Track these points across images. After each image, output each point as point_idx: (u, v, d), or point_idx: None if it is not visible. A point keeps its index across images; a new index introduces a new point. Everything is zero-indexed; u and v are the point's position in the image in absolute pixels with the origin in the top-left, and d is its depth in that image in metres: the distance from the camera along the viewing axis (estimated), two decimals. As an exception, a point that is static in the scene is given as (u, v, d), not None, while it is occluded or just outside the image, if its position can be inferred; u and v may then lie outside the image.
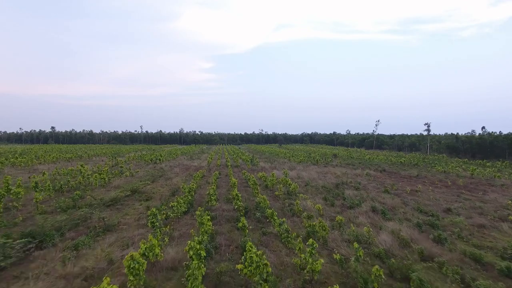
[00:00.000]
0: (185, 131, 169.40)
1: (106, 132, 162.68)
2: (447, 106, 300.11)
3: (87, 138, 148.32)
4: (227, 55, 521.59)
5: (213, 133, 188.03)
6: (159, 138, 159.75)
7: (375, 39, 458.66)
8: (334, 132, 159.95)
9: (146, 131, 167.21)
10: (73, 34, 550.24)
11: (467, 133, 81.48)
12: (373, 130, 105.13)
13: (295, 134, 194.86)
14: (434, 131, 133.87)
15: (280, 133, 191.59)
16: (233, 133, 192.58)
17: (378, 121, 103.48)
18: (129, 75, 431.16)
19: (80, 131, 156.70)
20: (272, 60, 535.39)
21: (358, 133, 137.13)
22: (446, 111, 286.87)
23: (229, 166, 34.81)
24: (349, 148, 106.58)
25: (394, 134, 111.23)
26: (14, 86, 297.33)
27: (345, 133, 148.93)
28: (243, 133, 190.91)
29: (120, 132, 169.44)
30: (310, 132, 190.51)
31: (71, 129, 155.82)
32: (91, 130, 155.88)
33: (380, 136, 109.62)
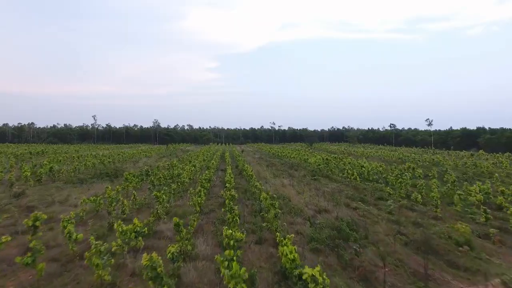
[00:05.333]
0: (163, 126, 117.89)
1: (45, 127, 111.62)
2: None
3: (11, 134, 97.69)
4: (233, 54, 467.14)
5: (206, 128, 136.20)
6: (125, 135, 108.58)
7: (382, 38, 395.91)
8: (393, 126, 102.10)
9: (108, 125, 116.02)
10: (78, 34, 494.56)
11: None
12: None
13: (318, 130, 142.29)
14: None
15: (298, 128, 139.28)
16: (233, 128, 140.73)
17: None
18: (134, 75, 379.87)
19: (1, 125, 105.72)
20: (277, 59, 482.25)
21: (451, 128, 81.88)
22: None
23: None
24: (448, 150, 54.58)
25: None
26: (17, 86, 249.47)
27: (407, 128, 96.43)
28: (248, 129, 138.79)
29: (74, 126, 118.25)
30: (340, 127, 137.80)
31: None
32: (24, 124, 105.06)
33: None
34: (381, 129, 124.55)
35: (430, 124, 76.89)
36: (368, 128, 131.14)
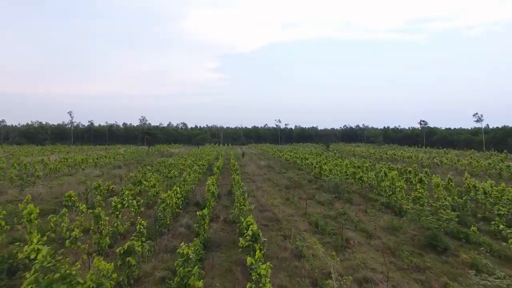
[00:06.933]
0: (153, 124, 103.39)
1: (16, 125, 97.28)
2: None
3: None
4: (234, 54, 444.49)
5: (202, 126, 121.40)
6: (107, 134, 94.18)
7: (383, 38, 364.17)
8: (423, 124, 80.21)
9: (91, 123, 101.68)
10: (77, 34, 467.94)
11: None
12: None
13: (329, 128, 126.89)
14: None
15: (306, 127, 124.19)
16: (233, 127, 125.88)
17: None
18: (133, 75, 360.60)
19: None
20: (278, 59, 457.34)
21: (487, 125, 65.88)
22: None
23: None
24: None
25: None
26: (22, 86, 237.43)
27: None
28: (250, 127, 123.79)
29: (53, 124, 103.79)
30: (353, 126, 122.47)
31: None
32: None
33: None
34: (398, 127, 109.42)
35: (478, 120, 60.98)
36: (384, 127, 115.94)
